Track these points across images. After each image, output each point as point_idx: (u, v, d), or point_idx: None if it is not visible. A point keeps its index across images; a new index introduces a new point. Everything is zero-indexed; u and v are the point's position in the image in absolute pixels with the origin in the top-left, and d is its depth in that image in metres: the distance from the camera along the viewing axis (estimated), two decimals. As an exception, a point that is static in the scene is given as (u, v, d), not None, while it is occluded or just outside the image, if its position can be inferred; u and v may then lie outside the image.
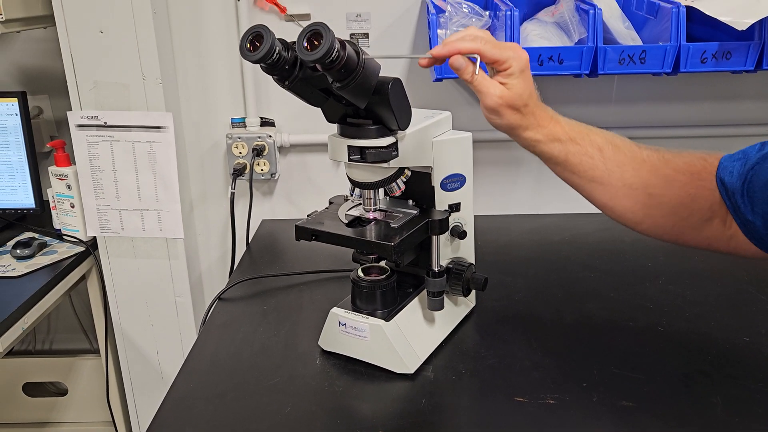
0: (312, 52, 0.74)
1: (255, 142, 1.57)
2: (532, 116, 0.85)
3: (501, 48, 0.83)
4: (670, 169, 0.84)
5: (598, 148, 0.85)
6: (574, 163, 0.86)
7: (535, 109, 0.85)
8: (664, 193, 0.83)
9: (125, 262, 1.55)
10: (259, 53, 0.77)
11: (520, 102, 0.83)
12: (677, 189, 0.83)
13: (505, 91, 0.82)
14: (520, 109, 0.84)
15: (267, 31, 0.77)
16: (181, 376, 0.99)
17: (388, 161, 0.89)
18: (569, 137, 0.86)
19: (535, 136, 0.85)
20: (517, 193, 1.65)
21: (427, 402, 0.91)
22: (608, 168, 0.85)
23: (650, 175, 0.84)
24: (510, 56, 0.82)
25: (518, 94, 0.83)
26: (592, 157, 0.85)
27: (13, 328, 1.26)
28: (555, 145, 0.86)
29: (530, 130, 0.85)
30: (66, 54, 1.40)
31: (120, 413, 1.76)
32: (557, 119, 0.87)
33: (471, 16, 1.31)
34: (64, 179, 1.52)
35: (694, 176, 0.83)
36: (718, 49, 1.21)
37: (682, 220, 0.84)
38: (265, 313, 1.17)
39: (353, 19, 1.51)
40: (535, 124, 0.85)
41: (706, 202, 0.82)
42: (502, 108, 0.83)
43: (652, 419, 0.86)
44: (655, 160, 0.85)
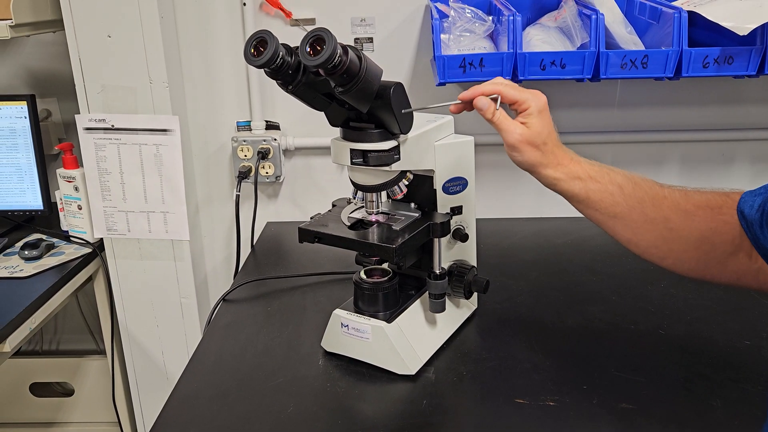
0: (314, 58, 0.75)
1: (260, 145, 1.58)
2: (551, 155, 0.88)
3: (520, 90, 0.89)
4: (690, 204, 0.85)
5: (618, 185, 0.87)
6: (595, 200, 0.88)
7: (555, 149, 0.89)
8: (683, 227, 0.84)
9: (131, 264, 1.57)
10: (262, 58, 0.78)
11: (539, 140, 0.87)
12: (698, 223, 0.84)
13: (525, 129, 0.87)
14: (540, 147, 0.88)
15: (271, 37, 0.78)
16: (186, 375, 1.01)
17: (390, 165, 0.90)
18: (589, 176, 0.88)
19: (555, 174, 0.88)
20: (520, 197, 1.66)
21: (428, 403, 0.91)
22: (629, 204, 0.86)
23: (670, 210, 0.85)
24: (528, 98, 0.88)
25: (537, 132, 0.87)
26: (613, 194, 0.87)
27: (20, 329, 1.27)
28: (576, 183, 0.88)
29: (550, 168, 0.88)
30: (74, 58, 1.42)
31: (125, 414, 1.77)
32: (578, 160, 0.90)
33: (474, 20, 1.33)
34: (71, 181, 1.54)
35: (715, 210, 0.83)
36: (720, 54, 1.22)
37: (705, 254, 0.84)
38: (269, 315, 1.18)
39: (358, 24, 1.52)
40: (555, 163, 0.88)
41: (728, 236, 0.82)
42: (522, 145, 0.87)
43: (651, 422, 0.87)
44: (676, 196, 0.87)
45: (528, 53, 1.24)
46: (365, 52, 1.52)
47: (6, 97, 1.57)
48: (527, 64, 1.24)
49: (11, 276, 1.41)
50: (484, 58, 1.24)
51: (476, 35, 1.32)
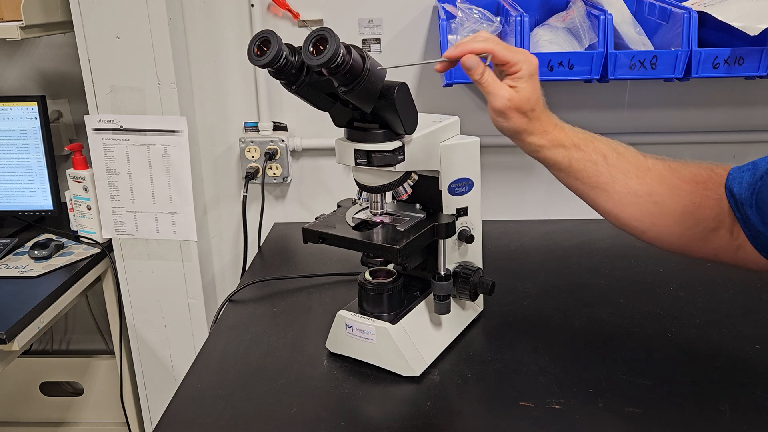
0: (317, 57, 0.75)
1: (267, 146, 1.58)
2: (537, 121, 0.85)
3: (512, 51, 0.84)
4: (675, 177, 0.84)
5: (602, 154, 0.86)
6: (577, 170, 0.86)
7: (541, 115, 0.86)
8: (669, 201, 0.83)
9: (139, 264, 1.58)
10: (266, 58, 0.78)
11: (527, 106, 0.84)
12: (683, 197, 0.83)
13: (513, 93, 0.84)
14: (527, 113, 0.85)
15: (274, 36, 0.78)
16: (190, 375, 1.01)
17: (394, 165, 0.89)
18: (573, 143, 0.86)
19: (539, 141, 0.86)
20: (528, 199, 1.65)
21: (433, 405, 0.91)
22: (612, 175, 0.85)
23: (655, 183, 0.84)
24: (520, 59, 0.84)
25: (526, 97, 0.84)
26: (596, 164, 0.85)
27: (29, 328, 1.28)
28: (559, 150, 0.86)
29: (535, 135, 0.86)
30: (83, 59, 1.43)
31: (133, 413, 1.78)
32: (561, 126, 0.88)
33: (482, 21, 1.32)
34: (81, 182, 1.55)
35: (700, 185, 0.82)
36: (730, 55, 1.21)
37: (688, 229, 0.84)
38: (275, 315, 1.18)
39: (365, 25, 1.52)
40: (540, 130, 0.86)
41: (712, 212, 0.81)
42: (510, 111, 0.84)
43: (658, 426, 0.86)
44: (661, 168, 0.85)
45: (536, 54, 1.23)
46: (372, 53, 1.53)
47: (17, 98, 1.58)
48: (535, 64, 1.23)
49: (21, 275, 1.42)
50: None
51: (484, 36, 1.32)
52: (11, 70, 1.73)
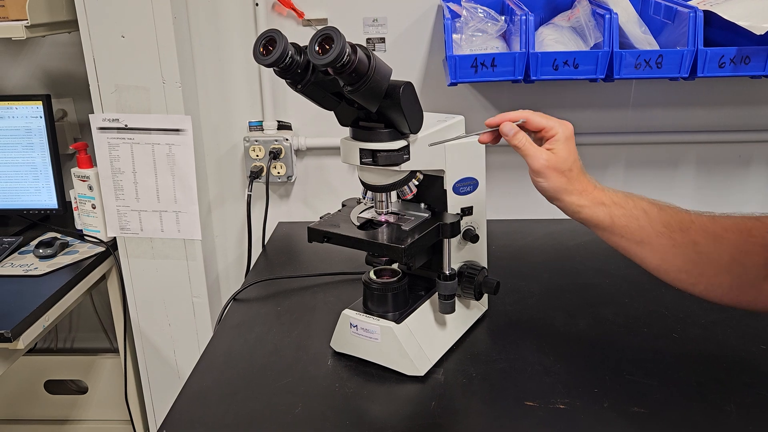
0: (323, 56, 0.75)
1: (272, 145, 1.59)
2: (577, 182, 0.88)
3: (547, 117, 0.90)
4: (718, 227, 0.83)
5: (642, 210, 0.86)
6: (620, 226, 0.87)
7: (580, 176, 0.89)
8: (713, 251, 0.83)
9: (144, 263, 1.58)
10: (271, 57, 0.78)
11: (564, 166, 0.87)
12: (728, 246, 0.82)
13: (550, 155, 0.88)
14: (565, 173, 0.88)
15: (280, 36, 0.78)
16: (195, 374, 1.01)
17: (399, 164, 0.89)
18: (613, 201, 0.88)
19: (579, 201, 0.88)
20: (532, 198, 1.63)
21: (437, 405, 0.91)
22: (655, 229, 0.85)
23: (698, 234, 0.83)
24: (555, 125, 0.89)
25: (563, 158, 0.87)
26: (638, 219, 0.86)
27: (34, 326, 1.28)
28: (600, 208, 0.87)
29: (575, 194, 0.88)
30: (88, 58, 1.44)
31: (138, 412, 1.78)
32: (600, 187, 0.90)
33: (487, 20, 1.32)
34: (86, 180, 1.55)
35: (744, 233, 0.82)
36: (736, 54, 1.20)
37: (738, 277, 0.82)
38: (279, 314, 1.18)
39: (370, 24, 1.52)
40: (579, 189, 0.88)
41: (760, 258, 0.80)
42: (548, 171, 0.87)
43: (663, 426, 0.86)
44: (704, 220, 0.85)
45: (541, 53, 1.23)
46: (377, 53, 1.52)
47: (22, 97, 1.58)
48: (540, 64, 1.23)
49: (26, 274, 1.42)
50: (496, 57, 1.23)
51: (489, 35, 1.32)
52: (16, 69, 1.74)
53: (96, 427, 2.00)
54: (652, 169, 1.60)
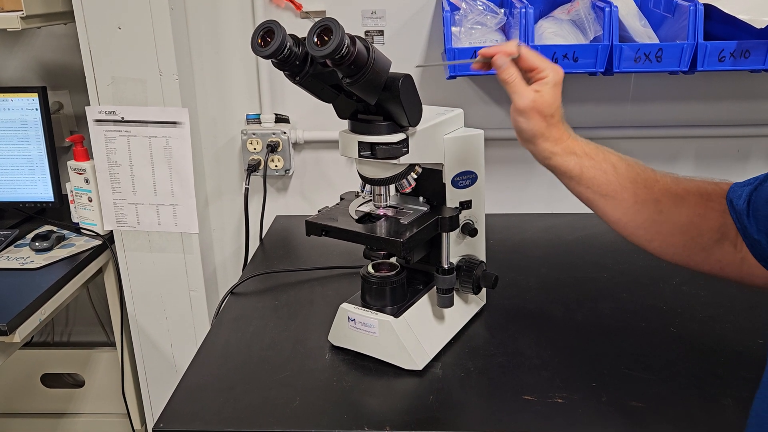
0: (322, 48, 0.74)
1: (270, 138, 1.58)
2: (555, 128, 0.88)
3: (541, 58, 0.88)
4: (681, 188, 0.87)
5: (612, 164, 0.88)
6: (588, 178, 0.88)
7: (558, 123, 0.88)
8: (673, 211, 0.85)
9: (141, 256, 1.57)
10: (269, 48, 0.77)
11: (548, 110, 0.86)
12: (687, 208, 0.85)
13: (537, 96, 0.86)
14: (546, 118, 0.87)
15: (278, 27, 0.78)
16: (192, 368, 1.01)
17: (398, 158, 0.89)
18: (584, 152, 0.88)
19: (552, 148, 0.88)
20: (531, 192, 1.64)
21: (435, 399, 0.91)
22: (621, 184, 0.87)
23: (661, 193, 0.86)
24: (547, 67, 0.87)
25: (548, 102, 0.86)
26: (606, 173, 0.87)
27: (30, 320, 1.28)
28: (571, 158, 0.88)
29: (550, 141, 0.88)
30: (84, 49, 1.43)
31: (135, 405, 1.78)
32: (575, 137, 0.90)
33: (486, 13, 1.31)
34: (82, 173, 1.54)
35: (704, 197, 0.85)
36: (736, 48, 1.20)
37: (692, 239, 0.85)
38: (277, 308, 1.18)
39: (368, 16, 1.51)
40: (555, 136, 0.88)
41: (715, 223, 0.83)
42: (532, 111, 0.86)
43: (662, 420, 0.86)
44: (668, 180, 0.88)
45: (540, 46, 1.22)
46: (375, 45, 1.52)
47: (18, 89, 1.57)
48: (539, 57, 1.22)
49: (22, 267, 1.41)
50: (495, 51, 1.22)
51: (488, 28, 1.31)
52: (12, 60, 1.72)
53: (93, 420, 2.00)
54: (651, 164, 1.57)
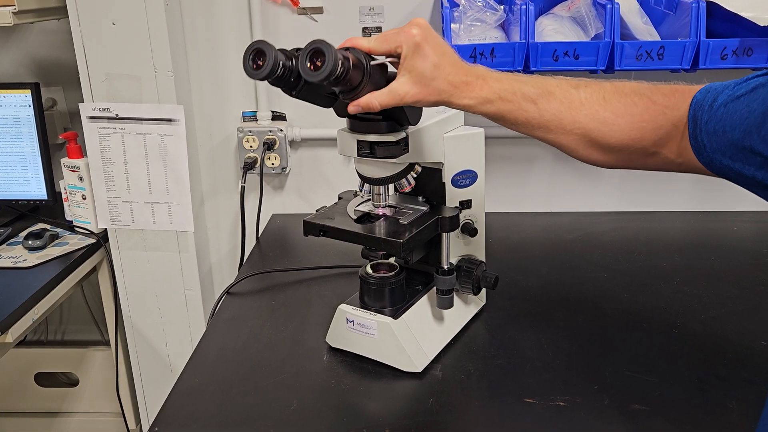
0: (316, 73, 0.72)
1: (266, 135, 1.56)
2: (451, 85, 0.79)
3: (387, 37, 0.79)
4: (627, 89, 0.82)
5: (531, 100, 0.82)
6: (511, 120, 0.83)
7: (453, 76, 0.79)
8: (612, 127, 0.82)
9: (135, 255, 1.56)
10: (264, 71, 0.76)
11: (426, 77, 0.78)
12: (636, 108, 0.81)
13: (405, 80, 0.78)
14: (431, 83, 0.78)
15: (267, 47, 0.76)
16: (188, 370, 0.99)
17: (397, 156, 0.87)
18: (498, 96, 0.81)
19: (465, 102, 0.81)
20: (530, 191, 1.63)
21: (435, 401, 0.89)
22: (545, 118, 0.82)
23: (587, 119, 0.82)
24: (397, 40, 0.78)
25: (419, 72, 0.78)
26: (527, 111, 0.82)
27: (23, 319, 1.26)
28: (487, 106, 0.82)
29: (455, 97, 0.80)
30: (78, 45, 1.40)
31: (129, 405, 1.77)
32: (485, 78, 0.82)
33: (485, 10, 1.29)
34: (76, 171, 1.52)
35: (646, 98, 0.82)
36: (738, 46, 1.19)
37: (635, 141, 0.82)
38: (273, 308, 1.17)
39: (366, 13, 1.49)
40: (461, 90, 0.80)
41: (663, 131, 0.81)
42: (416, 96, 0.79)
43: (664, 423, 0.84)
44: (594, 100, 0.82)
45: (540, 43, 1.21)
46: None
47: (10, 86, 1.55)
48: (540, 54, 1.21)
49: (15, 266, 1.39)
50: (495, 48, 1.21)
51: (487, 25, 1.29)
52: (4, 56, 1.70)
53: (87, 419, 1.98)
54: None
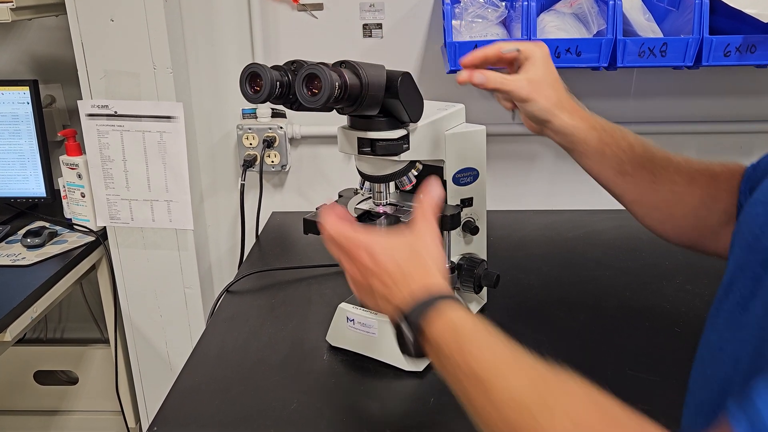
0: (314, 98, 0.73)
1: (266, 133, 1.55)
2: (566, 100, 0.83)
3: (517, 42, 0.85)
4: (692, 169, 0.84)
5: (629, 142, 0.84)
6: (609, 155, 0.84)
7: (567, 96, 0.84)
8: (686, 191, 0.83)
9: (135, 253, 1.55)
10: (262, 94, 0.77)
11: (548, 81, 0.82)
12: (698, 189, 0.83)
13: (531, 75, 0.82)
14: (553, 91, 0.82)
15: (262, 69, 0.76)
16: (187, 369, 0.98)
17: (398, 154, 0.87)
18: (602, 128, 0.84)
19: (573, 121, 0.83)
20: (531, 188, 1.62)
21: (436, 401, 0.89)
22: (639, 162, 0.84)
23: (676, 173, 0.84)
24: (529, 46, 0.84)
25: (542, 75, 0.82)
26: (625, 151, 0.84)
27: (22, 318, 1.25)
28: (593, 133, 0.83)
29: (566, 113, 0.83)
30: (76, 42, 1.39)
31: (129, 403, 1.76)
32: (589, 112, 0.86)
33: (487, 6, 1.29)
34: (74, 168, 1.51)
35: (714, 177, 0.83)
36: (742, 43, 1.18)
37: (702, 221, 0.83)
38: (273, 307, 1.16)
39: (367, 9, 1.48)
40: (570, 108, 0.83)
41: (723, 204, 0.81)
42: (533, 92, 0.82)
43: (667, 422, 0.83)
44: (679, 160, 0.85)
45: (542, 40, 1.20)
46: (373, 39, 1.49)
47: (8, 83, 1.54)
48: (541, 51, 1.20)
49: (13, 264, 1.39)
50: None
51: (489, 21, 1.29)
52: (2, 53, 1.69)
53: (86, 417, 1.98)
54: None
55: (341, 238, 0.68)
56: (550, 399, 0.50)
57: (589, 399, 0.51)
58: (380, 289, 0.65)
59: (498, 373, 0.53)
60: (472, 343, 0.57)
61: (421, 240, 0.66)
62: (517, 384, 0.52)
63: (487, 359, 0.55)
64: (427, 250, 0.65)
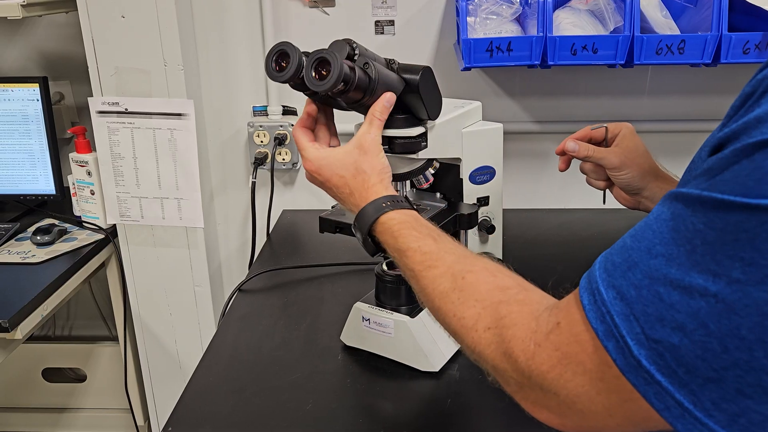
0: (321, 82, 0.71)
1: (277, 130, 1.54)
2: (657, 168, 0.90)
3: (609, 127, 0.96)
4: None
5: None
6: None
7: (657, 164, 0.92)
8: None
9: (144, 251, 1.54)
10: (287, 73, 0.73)
11: (638, 151, 0.91)
12: None
13: (621, 147, 0.92)
14: (639, 160, 0.90)
15: (292, 49, 0.73)
16: (200, 369, 0.98)
17: (416, 152, 0.85)
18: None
19: (667, 186, 0.89)
20: (544, 187, 1.61)
21: (453, 402, 0.88)
22: None
23: None
24: (617, 125, 0.95)
25: (633, 147, 0.91)
26: None
27: (32, 315, 1.25)
28: None
29: (659, 180, 0.90)
30: (87, 39, 1.39)
31: (138, 401, 1.75)
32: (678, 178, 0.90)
33: (501, 3, 1.27)
34: (84, 166, 1.51)
35: None
36: (761, 40, 1.16)
37: None
38: (286, 306, 1.15)
39: (379, 6, 1.47)
40: (663, 176, 0.90)
41: None
42: (625, 162, 0.90)
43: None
44: None
45: (559, 37, 1.18)
46: (386, 35, 1.48)
47: (18, 79, 1.53)
48: (557, 48, 1.19)
49: (23, 261, 1.38)
50: (512, 41, 1.19)
51: (503, 18, 1.27)
52: (12, 50, 1.68)
53: (95, 415, 1.98)
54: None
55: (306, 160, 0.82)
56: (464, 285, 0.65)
57: (493, 280, 0.64)
58: (339, 198, 0.81)
59: (423, 267, 0.67)
60: (405, 241, 0.70)
61: (363, 156, 0.76)
62: (438, 273, 0.66)
63: (416, 258, 0.68)
64: (370, 164, 0.76)
